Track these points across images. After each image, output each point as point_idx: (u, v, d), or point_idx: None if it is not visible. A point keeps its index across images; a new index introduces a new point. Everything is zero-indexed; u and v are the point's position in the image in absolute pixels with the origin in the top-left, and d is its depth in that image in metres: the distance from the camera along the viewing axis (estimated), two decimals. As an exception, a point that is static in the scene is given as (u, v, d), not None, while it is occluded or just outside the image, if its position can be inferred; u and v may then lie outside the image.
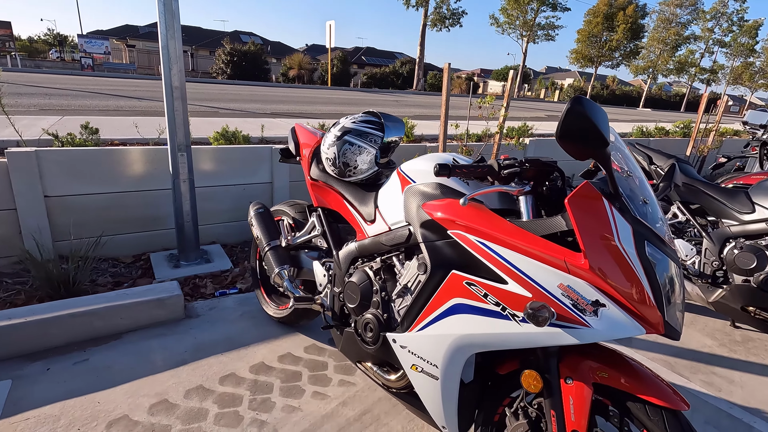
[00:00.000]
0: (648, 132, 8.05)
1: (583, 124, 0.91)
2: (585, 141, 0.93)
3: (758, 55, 42.68)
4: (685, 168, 2.68)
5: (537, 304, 1.00)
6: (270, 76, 29.03)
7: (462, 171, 1.12)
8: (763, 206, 2.29)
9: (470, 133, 5.32)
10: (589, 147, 0.94)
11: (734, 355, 2.38)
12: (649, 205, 1.07)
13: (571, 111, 0.91)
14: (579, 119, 0.91)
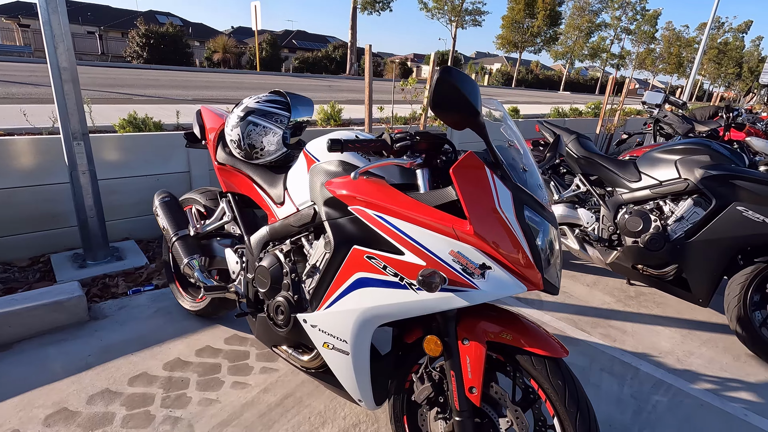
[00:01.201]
0: (563, 113, 8.64)
1: (452, 94, 0.95)
2: (457, 110, 0.97)
3: (658, 42, 47.26)
4: (585, 143, 2.91)
5: (427, 271, 1.04)
6: (193, 61, 27.14)
7: (355, 146, 1.13)
8: (647, 174, 2.56)
9: (398, 116, 5.38)
10: (462, 116, 0.99)
11: (628, 309, 2.67)
12: (529, 173, 1.15)
13: (440, 81, 0.94)
14: (448, 89, 0.95)
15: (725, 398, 1.92)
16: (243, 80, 15.32)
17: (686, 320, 2.58)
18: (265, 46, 29.77)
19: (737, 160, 2.30)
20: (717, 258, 2.25)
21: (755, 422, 1.79)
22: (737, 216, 2.17)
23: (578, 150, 2.87)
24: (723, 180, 2.24)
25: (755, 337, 2.17)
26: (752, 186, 2.15)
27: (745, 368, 2.16)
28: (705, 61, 48.45)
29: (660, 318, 2.59)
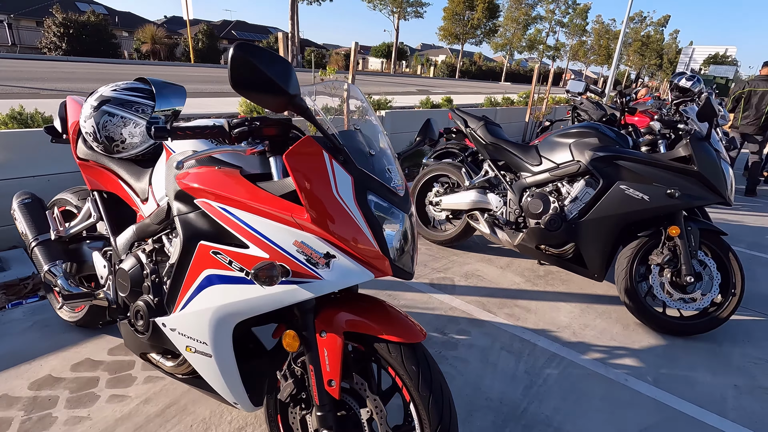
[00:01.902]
0: (496, 102, 8.91)
1: (252, 74, 0.89)
2: (262, 91, 0.92)
3: (589, 35, 50.08)
4: (493, 129, 2.98)
5: (262, 264, 0.99)
6: (120, 52, 25.28)
7: (185, 133, 1.04)
8: (546, 158, 2.66)
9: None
10: (272, 97, 0.93)
11: (536, 288, 2.78)
12: (377, 157, 1.12)
13: (234, 59, 0.88)
14: (246, 68, 0.89)
15: (610, 366, 2.05)
16: (174, 72, 14.46)
17: (587, 295, 2.73)
18: (201, 37, 28.33)
19: (622, 142, 2.45)
20: (606, 235, 2.39)
21: (633, 385, 1.92)
22: (620, 194, 2.30)
23: (486, 136, 2.93)
24: (608, 161, 2.37)
25: (641, 307, 2.33)
26: (632, 165, 2.29)
27: (632, 336, 2.31)
28: (630, 53, 52.02)
29: (563, 294, 2.72)
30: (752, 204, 5.41)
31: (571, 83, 7.27)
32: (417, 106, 7.39)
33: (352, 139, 1.10)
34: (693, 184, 2.18)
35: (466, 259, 3.12)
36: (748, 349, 2.27)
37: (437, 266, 2.97)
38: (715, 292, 2.28)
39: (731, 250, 2.28)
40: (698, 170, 2.15)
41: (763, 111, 5.44)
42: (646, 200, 2.23)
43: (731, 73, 19.83)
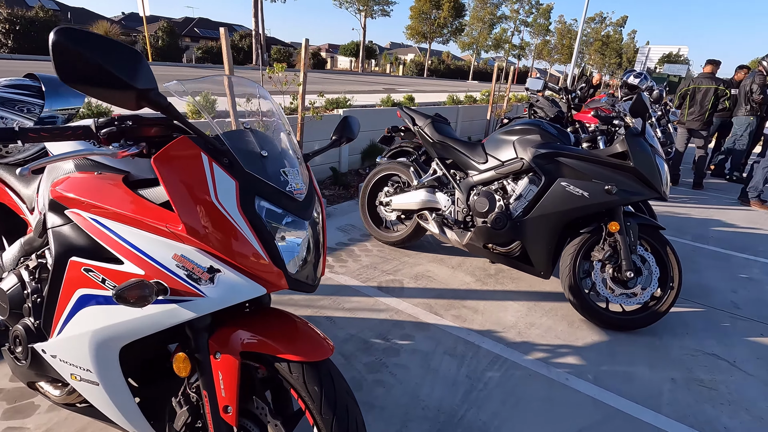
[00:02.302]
0: (458, 100, 8.95)
1: (80, 63, 0.77)
2: (99, 83, 0.80)
3: (553, 35, 51.48)
4: (440, 127, 2.93)
5: (127, 285, 0.87)
6: (73, 50, 23.97)
7: (40, 135, 0.91)
8: (492, 156, 2.63)
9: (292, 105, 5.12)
10: (116, 93, 0.81)
11: (485, 287, 2.75)
12: (270, 159, 1.02)
13: (55, 46, 0.75)
14: (71, 57, 0.76)
15: (552, 365, 2.02)
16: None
17: (535, 293, 2.72)
18: (162, 35, 27.34)
19: (563, 139, 2.44)
20: (550, 232, 2.37)
21: (573, 385, 1.90)
22: (561, 191, 2.29)
23: (433, 134, 2.88)
24: (549, 157, 2.35)
25: (584, 303, 2.33)
26: (572, 162, 2.29)
27: (576, 333, 2.30)
28: (591, 52, 53.81)
29: (512, 293, 2.69)
30: (699, 197, 5.63)
31: (530, 81, 7.38)
32: (378, 104, 7.31)
33: (239, 140, 1.00)
34: (629, 180, 2.19)
35: (418, 260, 3.07)
36: (686, 341, 2.31)
37: (387, 268, 2.90)
38: (654, 286, 2.30)
39: (669, 245, 2.31)
40: (634, 166, 2.16)
41: (707, 107, 5.66)
42: (586, 197, 2.23)
43: (683, 71, 20.80)
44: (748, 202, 5.32)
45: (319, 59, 35.78)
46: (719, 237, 4.07)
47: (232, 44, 21.29)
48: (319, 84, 16.33)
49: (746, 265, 3.44)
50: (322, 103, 6.38)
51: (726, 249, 3.76)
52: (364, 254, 3.10)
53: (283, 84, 4.03)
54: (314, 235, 1.06)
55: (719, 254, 3.63)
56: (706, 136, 5.87)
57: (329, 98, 6.34)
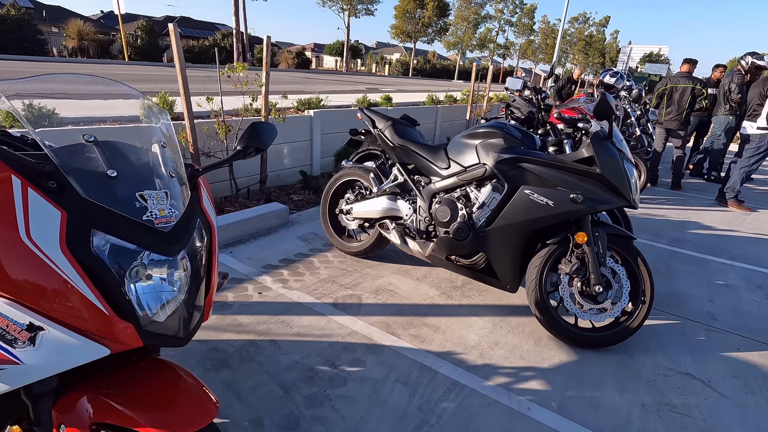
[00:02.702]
0: (437, 100, 8.79)
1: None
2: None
3: (537, 34, 51.85)
4: (402, 130, 2.74)
5: None
6: (47, 49, 23.34)
7: None
8: (454, 161, 2.45)
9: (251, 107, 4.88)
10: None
11: (450, 301, 2.57)
12: (120, 180, 0.82)
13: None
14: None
15: (514, 392, 1.85)
16: (103, 71, 13.38)
17: (503, 306, 2.55)
18: (141, 34, 26.75)
19: (528, 142, 2.27)
20: (514, 243, 2.20)
21: (535, 415, 1.73)
22: (525, 199, 2.12)
23: (393, 138, 2.69)
24: (512, 163, 2.18)
25: (551, 320, 2.16)
26: (536, 168, 2.12)
27: (543, 353, 2.13)
28: (575, 52, 54.36)
29: (478, 308, 2.52)
30: (677, 197, 5.55)
31: (509, 80, 7.25)
32: (353, 104, 7.11)
33: (76, 157, 0.79)
34: (596, 187, 2.03)
35: (381, 272, 2.87)
36: (659, 359, 2.16)
37: (346, 282, 2.70)
38: (625, 301, 2.14)
39: (640, 256, 2.15)
40: (600, 172, 2.00)
41: (684, 107, 5.58)
42: (551, 206, 2.06)
43: (664, 70, 21.05)
44: (725, 202, 5.26)
45: (304, 59, 35.33)
46: (696, 240, 3.97)
47: (213, 43, 21.14)
48: (301, 84, 16.05)
49: (722, 271, 3.33)
50: (293, 104, 6.16)
51: (703, 253, 3.65)
52: (323, 266, 2.89)
53: (243, 84, 3.81)
54: (191, 275, 0.86)
55: (696, 259, 3.52)
56: (683, 136, 5.80)
57: (301, 99, 6.12)
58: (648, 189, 5.86)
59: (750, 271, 3.37)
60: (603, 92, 1.99)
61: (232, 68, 3.74)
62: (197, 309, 0.89)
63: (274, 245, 3.16)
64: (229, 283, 2.57)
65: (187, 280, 0.85)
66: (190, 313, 0.87)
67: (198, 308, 0.89)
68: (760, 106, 4.85)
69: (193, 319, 0.88)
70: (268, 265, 2.85)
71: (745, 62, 5.71)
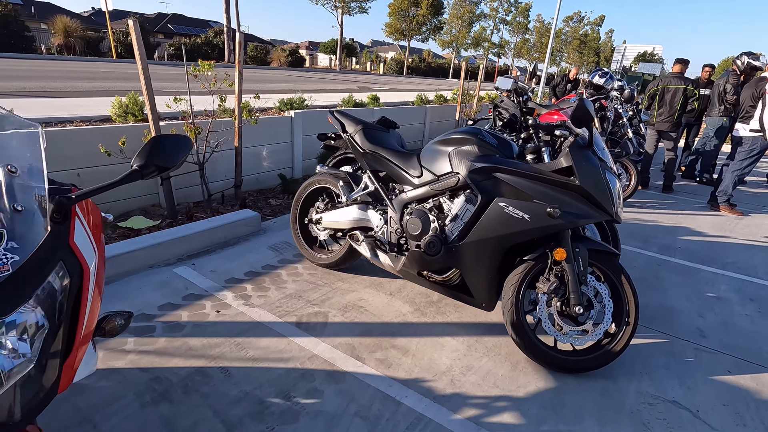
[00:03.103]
0: (426, 100, 8.62)
1: None
2: None
3: (532, 33, 51.81)
4: (373, 134, 2.56)
5: None
6: (37, 46, 22.99)
7: None
8: (427, 169, 2.28)
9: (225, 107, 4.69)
10: None
11: (423, 319, 2.40)
12: None
13: None
14: None
15: (484, 427, 1.68)
16: (85, 69, 13.12)
17: (480, 325, 2.38)
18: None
19: (504, 149, 2.10)
20: (488, 259, 2.03)
21: (505, 456, 1.56)
22: (499, 213, 1.95)
23: (363, 143, 2.51)
24: (486, 173, 2.01)
25: (528, 342, 2.00)
26: (510, 179, 1.95)
27: (519, 379, 1.97)
28: (570, 51, 54.41)
29: (453, 326, 2.35)
30: (668, 201, 5.41)
31: (500, 80, 7.09)
32: (339, 104, 6.92)
33: None
34: (575, 200, 1.86)
35: (353, 286, 2.70)
36: (644, 385, 2.00)
37: (314, 297, 2.52)
38: (608, 322, 1.98)
39: (624, 273, 1.99)
40: (580, 184, 1.83)
41: (676, 108, 5.44)
42: (527, 220, 1.89)
43: (658, 69, 21.02)
44: (717, 206, 5.12)
45: (297, 57, 35.03)
46: (687, 247, 3.82)
47: (206, 41, 20.80)
48: (291, 83, 15.83)
49: (714, 281, 3.18)
50: (275, 104, 5.96)
51: (693, 262, 3.50)
52: (291, 279, 2.71)
53: (211, 84, 3.61)
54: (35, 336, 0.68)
55: (686, 269, 3.37)
56: (675, 138, 5.66)
57: (284, 98, 5.93)
58: (639, 192, 5.72)
59: (742, 281, 3.22)
60: (581, 96, 1.82)
61: (198, 67, 3.54)
62: (44, 380, 0.71)
63: (241, 256, 2.98)
64: (185, 300, 2.38)
65: (29, 345, 0.67)
66: (32, 387, 0.69)
67: (47, 378, 0.71)
68: (752, 108, 4.71)
69: (37, 394, 0.70)
70: (232, 278, 2.66)
71: (741, 62, 5.58)
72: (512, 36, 51.33)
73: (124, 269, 2.61)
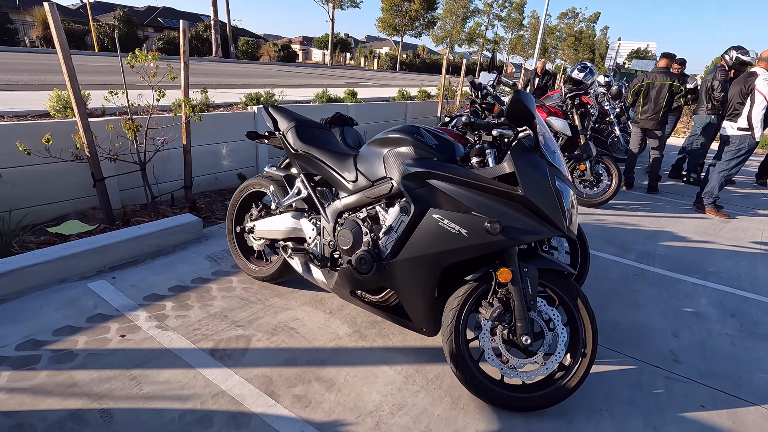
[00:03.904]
0: (408, 96, 8.31)
1: None
2: None
3: (526, 29, 51.49)
4: (307, 132, 2.26)
5: None
6: (21, 39, 22.47)
7: None
8: (362, 172, 1.98)
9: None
10: None
11: (361, 343, 2.11)
12: None
13: None
14: None
15: (403, 488, 1.40)
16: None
17: (424, 350, 2.10)
18: (118, 24, 25.95)
19: (445, 151, 1.80)
20: (425, 279, 1.74)
21: None
22: (434, 226, 1.66)
23: (296, 143, 2.21)
24: (419, 179, 1.72)
25: (470, 377, 1.71)
26: (445, 186, 1.66)
27: (458, 420, 1.69)
28: (565, 47, 54.19)
29: (394, 352, 2.07)
30: (652, 203, 5.16)
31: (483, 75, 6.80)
32: (312, 100, 6.60)
33: None
34: (519, 213, 1.57)
35: (289, 302, 2.41)
36: (604, 425, 1.72)
37: (241, 317, 2.23)
38: (561, 353, 1.70)
39: (581, 296, 1.71)
40: (523, 194, 1.54)
41: (661, 105, 5.17)
42: (464, 235, 1.60)
43: (651, 66, 20.79)
44: (703, 208, 4.87)
45: (290, 52, 34.51)
46: (668, 254, 3.56)
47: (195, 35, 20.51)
48: (276, 77, 15.46)
49: (693, 294, 2.92)
50: (240, 98, 5.64)
51: (673, 271, 3.24)
52: (221, 295, 2.42)
53: (150, 76, 3.29)
54: None
55: (665, 280, 3.10)
56: (661, 137, 5.40)
57: (250, 93, 5.61)
58: (623, 193, 5.47)
59: (723, 293, 2.96)
60: (516, 90, 1.53)
61: (135, 57, 3.21)
62: None
63: (172, 268, 2.68)
64: (89, 322, 2.08)
65: None
66: None
67: None
68: (741, 105, 4.45)
69: None
70: (153, 295, 2.36)
71: (729, 57, 5.32)
72: (507, 32, 51.01)
73: (29, 284, 2.31)
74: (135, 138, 3.42)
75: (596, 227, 4.08)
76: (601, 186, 4.68)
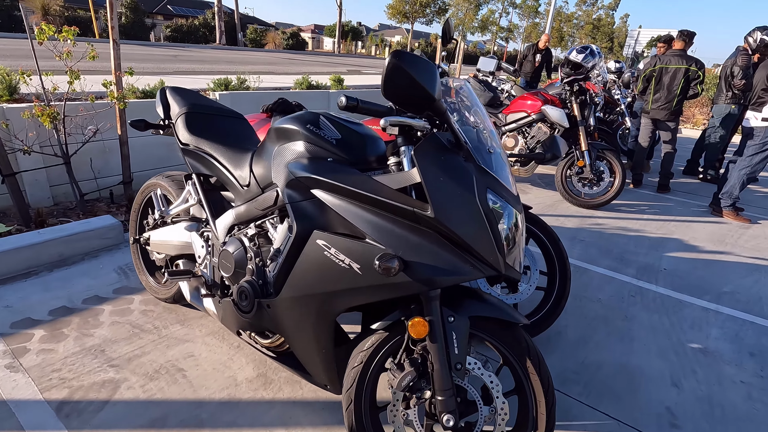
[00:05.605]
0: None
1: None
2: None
3: (543, 17, 49.85)
4: (199, 122, 1.77)
5: None
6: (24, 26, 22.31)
7: None
8: (254, 175, 1.50)
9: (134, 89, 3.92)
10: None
11: (261, 393, 1.65)
12: None
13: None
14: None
15: None
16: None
17: (336, 404, 1.62)
18: (124, 11, 25.77)
19: (353, 150, 1.29)
20: (315, 326, 1.26)
21: None
22: (318, 255, 1.17)
23: (184, 134, 1.73)
24: (303, 188, 1.22)
25: (376, 461, 1.24)
26: (332, 201, 1.16)
27: None
28: (582, 36, 52.43)
29: (300, 406, 1.60)
30: (663, 203, 4.56)
31: (482, 61, 6.20)
32: (292, 87, 6.11)
33: None
34: (432, 244, 1.07)
35: (192, 332, 1.95)
36: None
37: (122, 352, 1.78)
38: (501, 435, 1.21)
39: (531, 354, 1.21)
40: (434, 215, 1.04)
41: (675, 93, 4.55)
42: (357, 272, 1.11)
43: (671, 54, 19.72)
44: (720, 211, 4.27)
45: (299, 40, 33.90)
46: (674, 269, 3.01)
47: (203, 22, 20.22)
48: (275, 65, 15.00)
49: (703, 323, 2.38)
50: (208, 84, 5.19)
51: (679, 291, 2.70)
52: (110, 321, 1.98)
53: (64, 55, 2.85)
54: None
55: (668, 302, 2.57)
56: (673, 129, 4.78)
57: (218, 79, 5.14)
58: (629, 192, 4.88)
59: (741, 322, 2.42)
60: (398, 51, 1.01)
61: (43, 33, 2.76)
62: None
63: (68, 282, 2.25)
64: None
65: None
66: None
67: None
68: (766, 92, 3.82)
69: None
70: (26, 320, 1.94)
71: (753, 39, 4.64)
72: (521, 20, 49.48)
73: None
74: (55, 127, 3.00)
75: (593, 233, 3.53)
76: (602, 185, 4.12)
